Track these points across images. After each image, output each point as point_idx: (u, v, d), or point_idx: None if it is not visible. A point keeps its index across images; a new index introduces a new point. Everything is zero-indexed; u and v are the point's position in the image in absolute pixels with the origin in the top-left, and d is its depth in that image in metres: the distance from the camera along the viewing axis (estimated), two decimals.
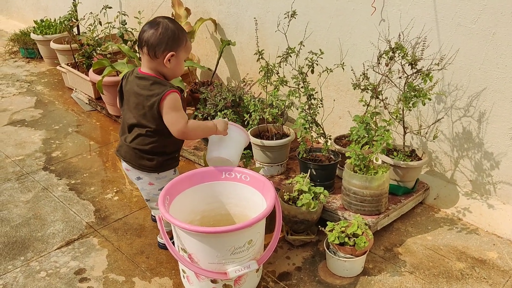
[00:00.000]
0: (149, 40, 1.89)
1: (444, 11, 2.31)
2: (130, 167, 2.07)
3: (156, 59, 1.93)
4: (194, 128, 1.96)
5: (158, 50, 1.91)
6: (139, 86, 1.94)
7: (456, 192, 2.56)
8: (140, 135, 1.98)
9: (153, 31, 1.90)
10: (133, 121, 1.98)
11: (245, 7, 3.20)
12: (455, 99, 2.42)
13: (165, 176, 2.09)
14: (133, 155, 2.03)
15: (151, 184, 2.09)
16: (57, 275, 2.14)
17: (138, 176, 2.08)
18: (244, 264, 1.86)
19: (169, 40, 1.91)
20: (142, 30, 1.93)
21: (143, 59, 1.97)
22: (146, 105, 1.92)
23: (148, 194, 2.13)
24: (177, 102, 1.92)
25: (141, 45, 1.94)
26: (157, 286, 2.08)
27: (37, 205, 2.63)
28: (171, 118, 1.91)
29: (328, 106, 2.95)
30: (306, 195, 2.15)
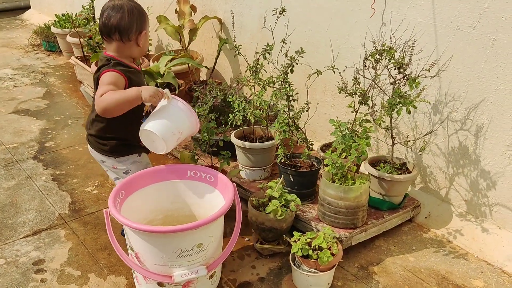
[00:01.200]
0: (120, 25, 1.83)
1: (443, 14, 2.13)
2: (93, 150, 2.03)
3: (129, 42, 1.87)
4: (107, 98, 1.72)
5: (131, 33, 1.86)
6: (96, 71, 1.90)
7: (449, 212, 2.35)
8: (93, 119, 1.96)
9: (121, 15, 1.83)
10: (92, 108, 1.96)
11: (249, 6, 3.11)
12: (452, 110, 2.22)
13: (126, 159, 2.02)
14: (92, 139, 2.01)
15: (115, 168, 2.04)
16: (15, 264, 2.10)
17: (101, 159, 2.04)
18: (193, 269, 1.74)
19: (137, 20, 1.86)
20: (107, 17, 1.84)
21: (111, 45, 1.88)
22: (95, 87, 1.89)
23: (115, 179, 2.08)
24: (110, 79, 1.78)
25: (110, 32, 1.85)
26: (110, 284, 2.00)
27: (16, 192, 2.61)
28: (96, 93, 1.80)
29: (325, 113, 2.80)
30: (274, 202, 2.02)
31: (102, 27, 1.86)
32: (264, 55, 2.18)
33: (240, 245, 2.22)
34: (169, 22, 3.21)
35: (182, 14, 3.26)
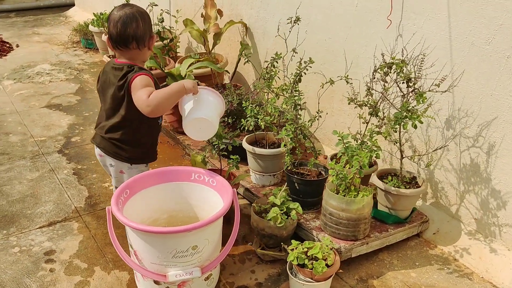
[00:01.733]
0: (136, 34, 1.90)
1: (459, 28, 2.09)
2: (104, 154, 2.07)
3: (144, 48, 1.95)
4: (158, 96, 1.82)
5: (146, 39, 1.94)
6: (114, 77, 1.95)
7: (458, 229, 2.30)
8: (115, 124, 1.99)
9: (136, 24, 1.90)
10: (109, 111, 1.99)
11: (273, 12, 3.14)
12: (464, 127, 2.18)
13: (136, 167, 2.09)
14: (108, 144, 2.03)
15: (122, 173, 2.10)
16: (28, 253, 2.21)
17: (111, 163, 2.09)
18: (187, 270, 1.79)
19: (149, 26, 1.95)
20: (122, 27, 1.89)
21: (126, 53, 1.95)
22: (119, 94, 1.93)
23: (117, 182, 2.13)
24: (144, 82, 1.87)
25: (127, 42, 1.91)
26: (114, 278, 2.08)
27: (38, 184, 2.75)
28: (136, 96, 1.86)
29: (341, 121, 2.80)
30: (275, 209, 2.04)
31: (118, 38, 1.90)
32: (272, 63, 2.20)
33: (243, 249, 2.26)
34: (194, 26, 3.28)
35: (208, 18, 3.32)
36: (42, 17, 6.66)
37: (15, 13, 6.86)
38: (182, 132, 3.19)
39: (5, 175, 2.83)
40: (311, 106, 2.92)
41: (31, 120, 3.54)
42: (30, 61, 4.82)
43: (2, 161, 2.98)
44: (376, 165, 2.38)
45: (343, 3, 2.59)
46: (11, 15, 6.76)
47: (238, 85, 3.25)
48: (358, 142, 2.20)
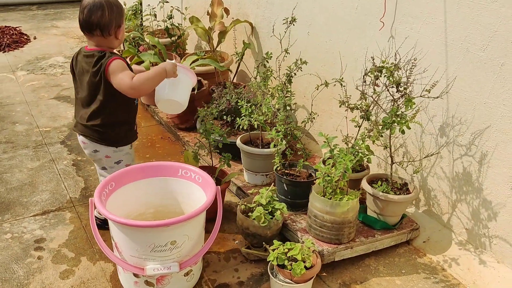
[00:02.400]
0: (100, 22, 1.95)
1: (454, 34, 2.06)
2: (88, 141, 2.11)
3: (109, 36, 2.00)
4: (140, 79, 1.93)
5: (111, 29, 1.99)
6: (87, 64, 2.00)
7: (449, 239, 2.26)
8: (95, 110, 2.04)
9: (100, 12, 1.95)
10: (87, 98, 2.04)
11: (277, 12, 3.13)
12: (458, 134, 2.14)
13: (122, 149, 2.14)
14: (90, 131, 2.08)
15: (108, 157, 2.14)
16: (19, 240, 2.26)
17: (95, 149, 2.13)
18: (165, 264, 1.80)
19: (117, 16, 1.99)
20: (87, 14, 1.95)
21: (93, 40, 2.01)
22: (95, 80, 1.98)
23: (103, 168, 2.17)
24: (120, 66, 1.94)
25: (91, 28, 1.97)
26: (99, 269, 2.11)
27: (37, 173, 2.81)
28: (117, 80, 1.93)
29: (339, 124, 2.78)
30: (259, 208, 2.04)
31: (84, 23, 1.97)
32: (263, 63, 2.20)
33: (229, 247, 2.26)
34: (199, 24, 3.30)
35: (214, 16, 3.34)
36: (62, 11, 6.79)
37: (37, 6, 7.00)
38: (183, 128, 3.22)
39: (7, 163, 2.90)
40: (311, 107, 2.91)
41: (39, 110, 3.62)
42: (45, 53, 4.92)
43: (6, 149, 3.06)
44: (368, 170, 2.36)
45: (344, 5, 2.57)
46: (33, 8, 6.90)
47: (239, 84, 3.25)
48: (349, 145, 2.18)
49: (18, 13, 6.57)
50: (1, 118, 3.47)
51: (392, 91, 2.04)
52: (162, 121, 3.43)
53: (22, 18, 6.26)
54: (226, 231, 2.36)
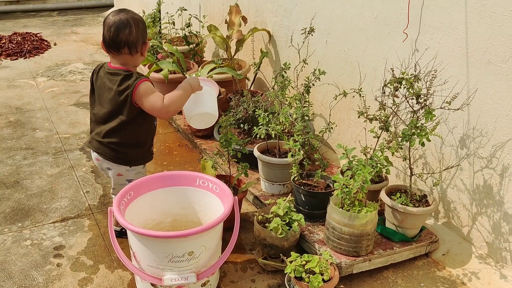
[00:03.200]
0: (128, 40, 1.93)
1: (475, 45, 2.03)
2: (101, 158, 2.10)
3: (136, 54, 1.98)
4: (171, 99, 1.95)
5: (138, 46, 1.97)
6: (111, 81, 1.98)
7: (469, 252, 2.23)
8: (114, 127, 2.02)
9: (128, 30, 1.92)
10: (105, 116, 2.02)
11: (295, 21, 3.14)
12: (479, 146, 2.11)
13: (134, 169, 2.14)
14: (106, 149, 2.06)
15: (120, 175, 2.14)
16: (39, 246, 2.29)
17: (108, 167, 2.13)
18: (183, 275, 1.81)
19: (143, 32, 1.98)
20: (115, 32, 1.91)
21: (119, 58, 1.98)
22: (119, 99, 1.96)
23: (115, 184, 2.18)
24: (149, 88, 1.95)
25: (118, 47, 1.94)
26: (116, 277, 2.12)
27: (57, 180, 2.84)
28: (149, 103, 1.93)
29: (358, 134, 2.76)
30: (276, 219, 2.03)
31: (111, 42, 1.93)
32: (281, 73, 2.20)
33: (246, 258, 2.26)
34: (217, 32, 3.31)
35: (231, 25, 3.35)
36: (82, 17, 6.89)
37: (57, 12, 7.12)
38: (201, 136, 3.24)
39: (27, 169, 2.94)
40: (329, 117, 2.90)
41: (59, 117, 3.67)
42: (65, 59, 4.99)
43: (26, 155, 3.10)
44: (387, 181, 2.34)
45: (363, 15, 2.56)
46: (53, 14, 7.02)
47: (256, 92, 3.26)
48: (367, 156, 2.17)
49: (39, 19, 6.69)
50: (22, 124, 3.52)
51: (411, 102, 2.02)
52: (180, 129, 3.45)
53: (42, 24, 6.37)
54: (242, 241, 2.36)
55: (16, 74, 4.55)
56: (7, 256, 2.22)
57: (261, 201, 2.50)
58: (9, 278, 2.09)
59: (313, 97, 2.85)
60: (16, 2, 7.04)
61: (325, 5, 2.80)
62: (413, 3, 2.25)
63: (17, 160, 3.03)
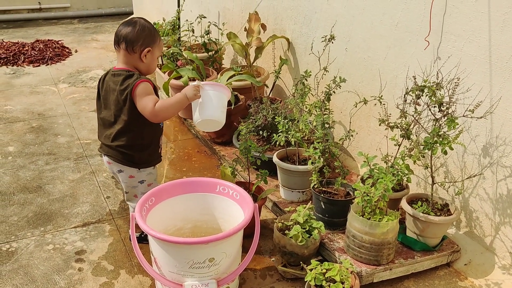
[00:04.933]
0: (127, 36, 2.01)
1: (499, 53, 2.01)
2: (112, 161, 2.14)
3: (133, 53, 2.03)
4: (163, 106, 1.98)
5: (135, 45, 2.02)
6: (114, 83, 2.03)
7: (492, 262, 2.19)
8: (120, 130, 2.05)
9: (131, 28, 2.02)
10: (111, 119, 2.07)
11: (315, 28, 3.14)
12: (502, 155, 2.08)
13: (144, 170, 2.17)
14: (115, 152, 2.10)
15: (132, 177, 2.17)
16: (61, 251, 2.32)
17: (119, 169, 2.16)
18: (203, 281, 1.82)
19: (146, 37, 2.03)
20: (119, 29, 2.05)
21: (120, 55, 2.06)
22: (121, 99, 2.01)
23: (127, 187, 2.21)
24: (147, 89, 1.99)
25: (118, 41, 2.04)
26: (137, 282, 2.14)
27: (78, 185, 2.88)
28: (141, 104, 1.97)
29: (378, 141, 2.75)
30: (296, 227, 2.03)
31: (115, 36, 2.06)
32: (302, 81, 2.20)
33: (266, 264, 2.26)
34: (236, 39, 3.33)
35: (251, 32, 3.37)
36: (102, 24, 6.99)
37: (78, 20, 7.24)
38: (219, 143, 3.25)
39: (49, 174, 2.99)
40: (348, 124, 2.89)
41: (80, 123, 3.72)
42: (86, 66, 5.07)
43: (48, 160, 3.15)
44: (407, 189, 2.32)
45: (383, 22, 2.55)
46: (74, 22, 7.13)
47: (275, 99, 3.26)
48: (388, 164, 2.16)
49: (60, 26, 6.80)
50: (44, 130, 3.58)
51: (434, 110, 2.01)
52: (199, 135, 3.47)
53: (64, 32, 6.48)
54: (261, 248, 2.36)
55: (38, 81, 4.63)
56: (30, 260, 2.25)
57: (280, 208, 2.50)
58: (32, 282, 2.12)
59: (333, 104, 2.84)
60: (39, 10, 7.18)
61: (345, 12, 2.80)
62: (434, 11, 2.24)
63: (39, 165, 3.09)
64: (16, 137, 3.47)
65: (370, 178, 1.98)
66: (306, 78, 2.25)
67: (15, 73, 4.85)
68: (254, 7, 3.68)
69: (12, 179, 2.93)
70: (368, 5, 2.63)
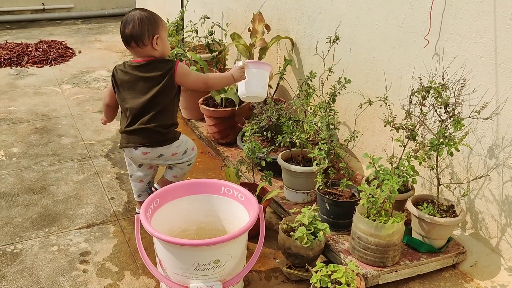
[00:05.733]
0: (132, 34, 2.10)
1: (505, 53, 2.00)
2: (150, 149, 2.22)
3: (145, 46, 2.13)
4: (215, 77, 2.30)
5: (144, 39, 2.11)
6: (143, 72, 2.14)
7: (498, 264, 2.18)
8: (156, 114, 2.16)
9: (132, 25, 2.10)
10: (146, 103, 2.15)
11: (319, 28, 3.13)
12: (508, 156, 2.07)
13: (180, 141, 2.31)
14: (152, 136, 2.19)
15: (175, 154, 2.30)
16: (65, 252, 2.32)
17: (160, 154, 2.26)
18: (208, 283, 1.81)
19: (148, 26, 2.11)
20: (121, 30, 2.14)
21: (134, 52, 2.18)
22: (161, 83, 2.13)
23: (174, 161, 2.33)
24: (186, 67, 2.21)
25: (127, 42, 2.14)
26: (141, 284, 2.13)
27: (82, 186, 2.88)
28: (193, 77, 2.22)
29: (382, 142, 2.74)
30: (301, 229, 2.02)
31: (122, 37, 2.15)
32: (307, 82, 2.20)
33: (270, 266, 2.25)
34: (240, 40, 3.33)
35: (255, 33, 3.36)
36: (106, 25, 7.00)
37: (81, 20, 7.25)
38: (223, 143, 3.25)
39: (53, 175, 2.99)
40: (353, 125, 2.88)
41: (84, 124, 3.72)
42: (89, 67, 5.07)
43: (52, 161, 3.15)
44: (413, 190, 2.31)
45: (388, 23, 2.54)
46: (78, 22, 7.15)
47: (280, 99, 3.26)
48: (394, 165, 2.15)
49: (64, 27, 6.82)
50: (48, 131, 3.59)
51: (439, 111, 2.00)
52: (202, 136, 3.47)
53: (67, 33, 6.49)
54: (266, 249, 2.36)
55: (42, 82, 4.64)
56: (35, 261, 2.25)
57: (284, 210, 2.49)
58: (36, 283, 2.12)
59: (337, 105, 2.83)
60: (42, 11, 7.20)
61: (349, 13, 2.80)
62: (438, 11, 2.23)
63: (43, 166, 3.09)
64: (20, 138, 3.47)
65: (376, 179, 1.97)
66: (311, 79, 2.25)
67: (19, 74, 4.86)
68: (258, 7, 3.68)
69: (17, 180, 2.93)
70: (373, 6, 2.62)
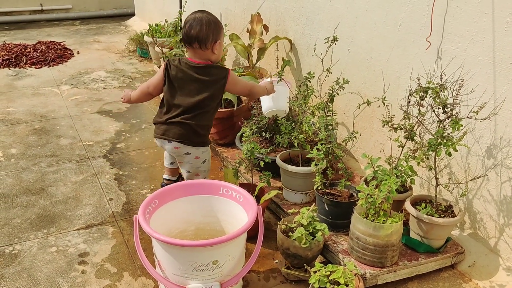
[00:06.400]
0: (198, 36, 2.19)
1: (503, 54, 2.00)
2: (181, 145, 2.30)
3: (206, 49, 2.23)
4: (256, 89, 2.42)
5: (207, 42, 2.21)
6: (199, 74, 2.24)
7: (496, 264, 2.19)
8: (201, 113, 2.26)
9: (199, 27, 2.19)
10: (195, 103, 2.24)
11: (317, 29, 3.14)
12: (506, 156, 2.07)
13: (206, 149, 2.39)
14: (189, 133, 2.28)
15: (197, 158, 2.36)
16: (64, 253, 2.32)
17: (187, 152, 2.33)
18: (207, 284, 1.81)
19: (213, 31, 2.21)
20: (188, 28, 2.21)
21: (192, 51, 2.26)
22: (213, 87, 2.25)
23: (192, 167, 2.39)
24: (238, 77, 2.36)
25: (190, 41, 2.23)
26: (140, 285, 2.13)
27: (81, 187, 2.88)
28: (240, 86, 2.35)
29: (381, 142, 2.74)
30: (300, 229, 2.03)
31: (185, 36, 2.23)
32: (305, 83, 2.20)
33: (269, 266, 2.25)
34: (239, 41, 3.33)
35: (253, 33, 3.37)
36: (104, 26, 7.00)
37: (80, 21, 7.25)
38: (222, 144, 3.25)
39: (52, 176, 2.99)
40: (351, 125, 2.88)
41: (82, 124, 3.72)
42: (88, 67, 5.07)
43: (51, 162, 3.15)
44: (411, 191, 2.31)
45: (386, 23, 2.55)
46: (76, 23, 7.14)
47: None
48: (392, 166, 2.15)
49: (62, 28, 6.82)
50: (47, 132, 3.59)
51: (437, 112, 2.00)
52: None
53: (66, 33, 6.49)
54: (264, 250, 2.36)
55: (40, 82, 4.64)
56: (33, 262, 2.25)
57: (283, 210, 2.50)
58: (35, 284, 2.12)
59: (335, 106, 2.84)
60: (40, 12, 7.19)
61: (348, 13, 2.80)
62: (438, 12, 2.23)
63: (42, 167, 3.09)
64: (18, 139, 3.47)
65: (374, 179, 1.97)
66: (309, 79, 2.25)
67: (17, 74, 4.86)
68: (256, 8, 3.68)
69: (15, 181, 2.93)
70: (371, 6, 2.63)
